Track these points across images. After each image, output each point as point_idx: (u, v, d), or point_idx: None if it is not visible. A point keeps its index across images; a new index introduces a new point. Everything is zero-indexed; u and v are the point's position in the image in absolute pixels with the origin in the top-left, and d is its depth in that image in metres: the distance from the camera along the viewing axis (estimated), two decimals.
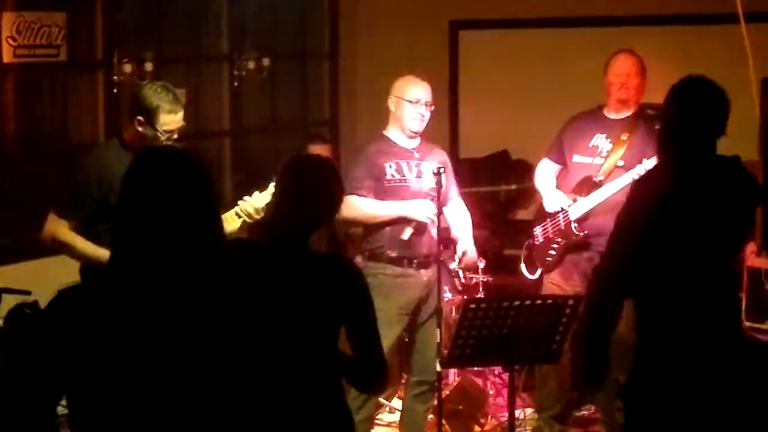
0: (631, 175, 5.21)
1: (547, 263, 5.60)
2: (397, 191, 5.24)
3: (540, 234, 5.65)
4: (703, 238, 3.83)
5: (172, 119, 4.51)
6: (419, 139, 5.38)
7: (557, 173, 5.72)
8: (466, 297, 5.88)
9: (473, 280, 6.14)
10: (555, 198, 5.56)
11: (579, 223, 5.45)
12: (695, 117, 3.87)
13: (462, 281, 6.02)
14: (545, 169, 5.74)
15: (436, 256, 5.14)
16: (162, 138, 4.49)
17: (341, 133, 8.08)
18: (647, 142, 5.29)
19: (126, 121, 4.68)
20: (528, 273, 5.69)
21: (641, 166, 5.23)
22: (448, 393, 5.73)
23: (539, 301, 4.46)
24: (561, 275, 5.55)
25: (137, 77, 6.27)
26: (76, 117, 6.42)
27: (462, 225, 5.40)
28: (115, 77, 6.33)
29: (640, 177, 4.59)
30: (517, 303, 4.34)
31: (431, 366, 5.13)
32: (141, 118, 4.49)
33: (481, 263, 6.13)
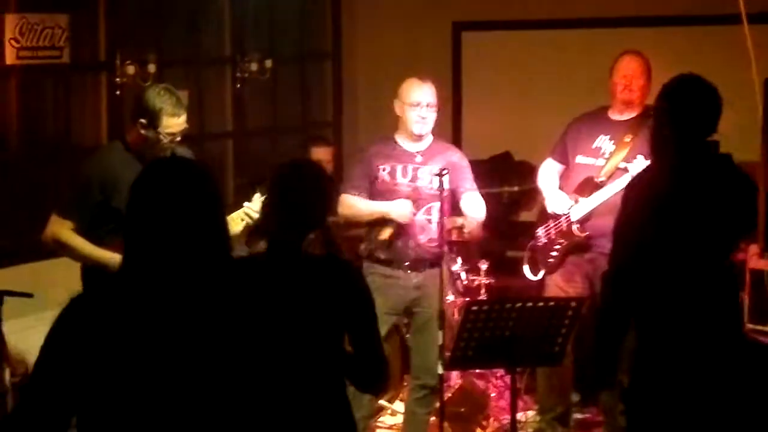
0: (632, 176, 5.20)
1: (549, 264, 5.59)
2: (386, 194, 5.27)
3: (542, 235, 5.65)
4: (697, 237, 3.82)
5: (174, 122, 4.52)
6: (428, 142, 5.37)
7: (560, 173, 5.71)
8: (468, 299, 5.88)
9: (475, 282, 6.14)
10: (557, 199, 5.56)
11: (580, 224, 5.45)
12: (686, 115, 3.86)
13: (464, 283, 6.02)
14: (548, 169, 5.73)
15: (438, 257, 5.14)
16: (165, 141, 4.49)
17: (343, 135, 8.08)
18: None
19: (129, 124, 4.70)
20: (531, 274, 5.69)
21: (638, 165, 5.19)
22: (450, 395, 5.73)
23: (541, 304, 4.47)
24: (562, 277, 5.55)
25: (140, 79, 6.26)
26: (78, 119, 6.41)
27: (472, 209, 5.35)
28: (118, 79, 6.33)
29: (632, 178, 4.57)
30: (520, 305, 4.35)
31: (432, 369, 5.13)
32: (144, 120, 4.50)
33: (484, 265, 6.13)
